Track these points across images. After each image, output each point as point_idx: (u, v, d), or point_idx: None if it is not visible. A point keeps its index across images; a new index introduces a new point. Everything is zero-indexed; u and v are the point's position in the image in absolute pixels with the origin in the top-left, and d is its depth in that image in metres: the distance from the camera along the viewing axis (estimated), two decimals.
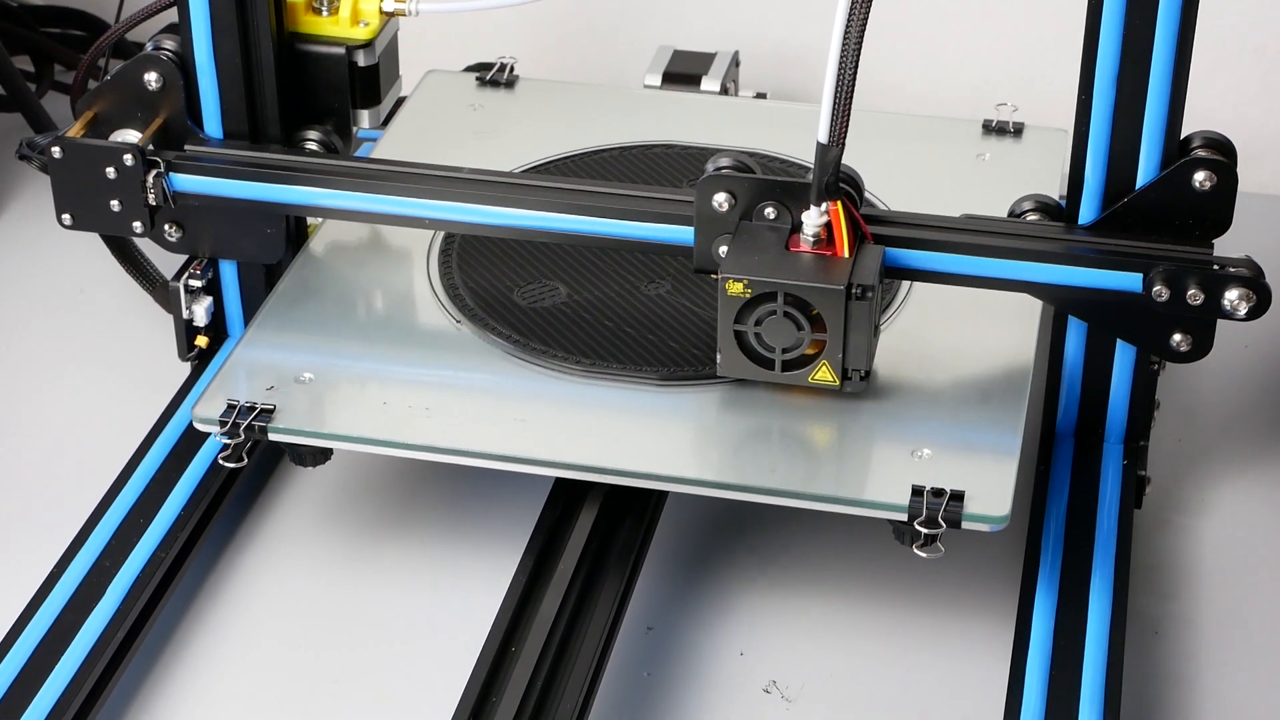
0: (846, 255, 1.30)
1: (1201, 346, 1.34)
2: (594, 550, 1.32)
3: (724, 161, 1.34)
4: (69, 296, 1.70)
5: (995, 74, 1.87)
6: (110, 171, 1.43)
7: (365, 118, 1.50)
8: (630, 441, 1.31)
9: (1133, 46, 1.28)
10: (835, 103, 1.25)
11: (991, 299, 1.37)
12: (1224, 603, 1.39)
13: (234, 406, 1.33)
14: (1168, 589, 1.40)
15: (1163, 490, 1.47)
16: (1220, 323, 1.33)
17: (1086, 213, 1.35)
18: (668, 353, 1.37)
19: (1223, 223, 1.32)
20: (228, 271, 1.51)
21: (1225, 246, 1.32)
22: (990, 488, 1.25)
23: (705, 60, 1.73)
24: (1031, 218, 1.37)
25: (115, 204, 1.44)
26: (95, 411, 1.56)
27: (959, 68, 1.87)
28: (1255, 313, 1.30)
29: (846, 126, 1.26)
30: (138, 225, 1.45)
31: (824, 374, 1.31)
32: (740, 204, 1.33)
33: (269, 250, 1.48)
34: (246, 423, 1.32)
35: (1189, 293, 1.30)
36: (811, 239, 1.31)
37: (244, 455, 1.35)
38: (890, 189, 1.50)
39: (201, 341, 1.52)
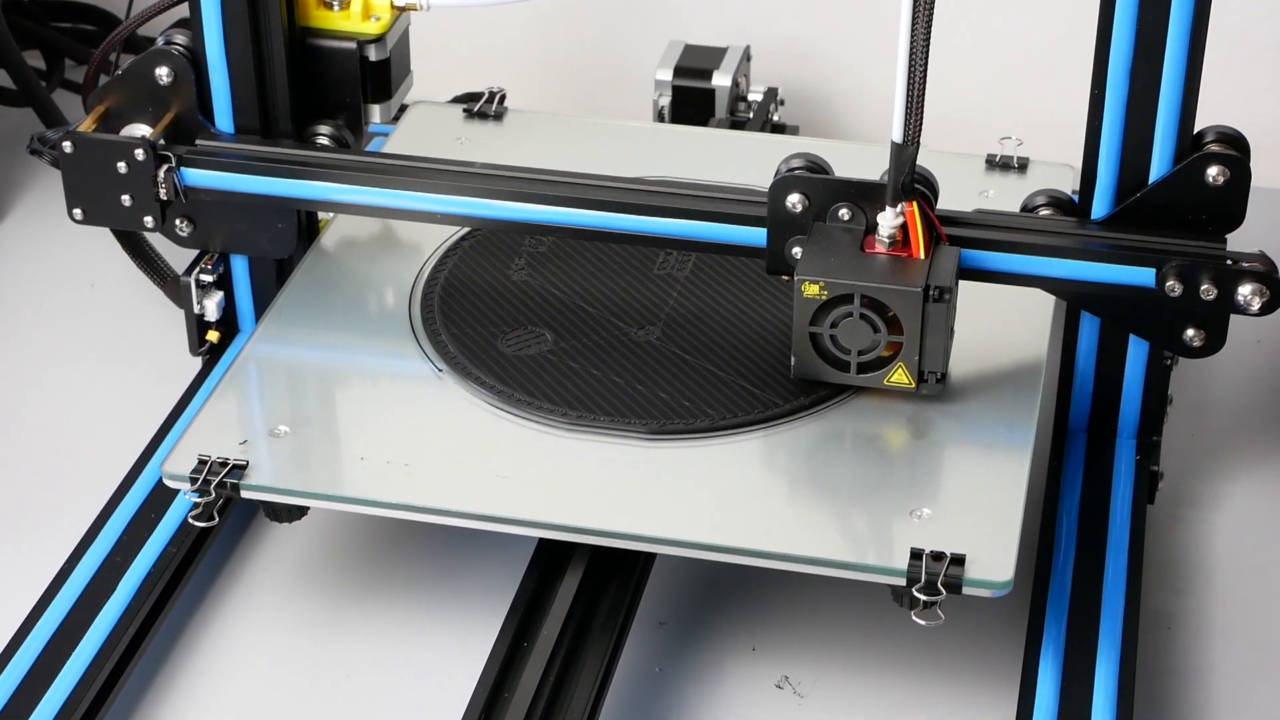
0: (922, 257, 1.29)
1: (1215, 341, 1.34)
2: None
3: (796, 162, 1.33)
4: (80, 291, 1.70)
5: (999, 100, 1.86)
6: (121, 166, 1.43)
7: (377, 112, 1.50)
8: (616, 500, 1.25)
9: (1145, 41, 1.28)
10: (908, 101, 1.24)
11: (991, 345, 1.35)
12: (1237, 598, 1.39)
13: (205, 462, 1.27)
14: (1181, 584, 1.40)
15: (1175, 485, 1.47)
16: (1233, 318, 1.33)
17: (1099, 208, 1.34)
18: (657, 404, 1.32)
19: (1236, 218, 1.32)
20: (239, 266, 1.51)
21: (1238, 241, 1.32)
22: (993, 551, 1.20)
23: (717, 55, 1.73)
24: (1045, 213, 1.37)
25: (126, 199, 1.44)
26: (106, 407, 1.56)
27: (964, 94, 1.87)
28: (1269, 307, 1.30)
29: (920, 124, 1.25)
30: (149, 220, 1.45)
31: (900, 376, 1.30)
32: (814, 205, 1.32)
33: (280, 245, 1.48)
34: (218, 480, 1.26)
35: (1202, 287, 1.30)
36: (887, 240, 1.30)
37: (215, 514, 1.28)
38: None
39: (213, 336, 1.52)
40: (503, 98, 1.64)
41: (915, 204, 1.28)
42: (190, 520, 1.29)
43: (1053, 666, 1.26)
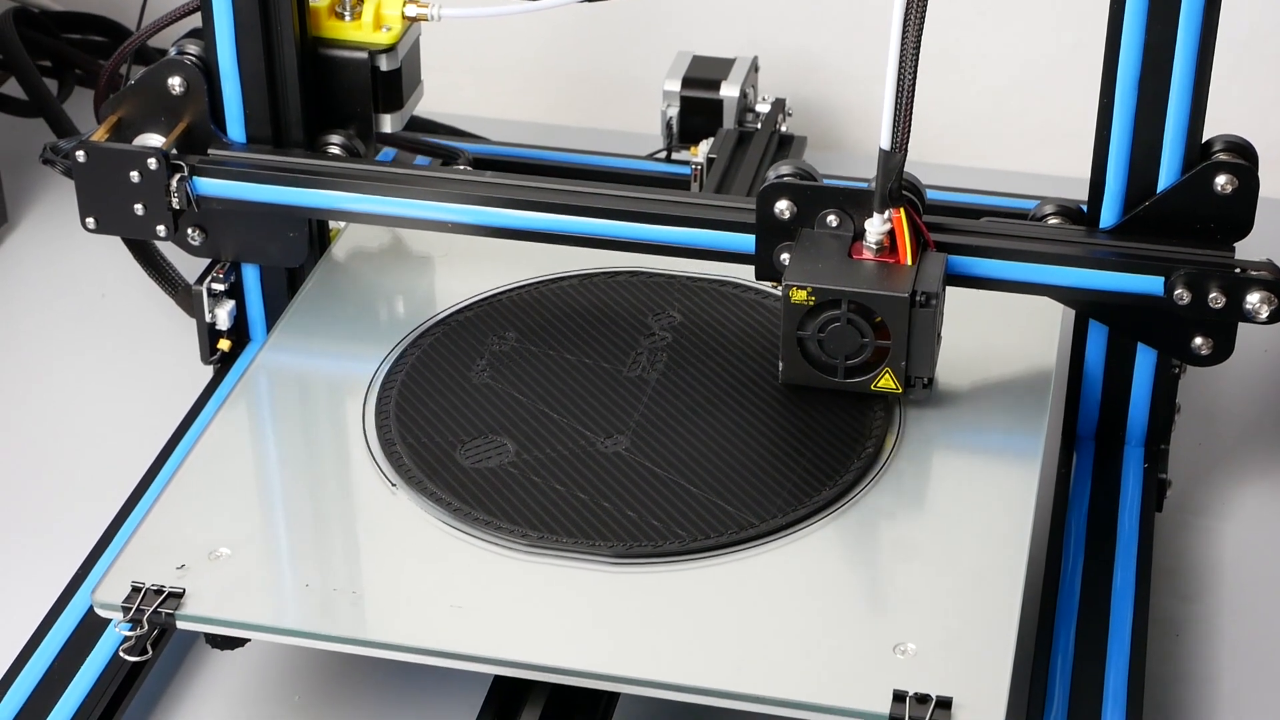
0: (910, 263, 1.30)
1: (1223, 350, 1.34)
2: None
3: (785, 169, 1.34)
4: (92, 300, 1.70)
5: (1007, 110, 1.87)
6: (134, 175, 1.43)
7: (388, 122, 1.50)
8: (576, 634, 1.17)
9: (1154, 51, 1.28)
10: (897, 109, 1.25)
11: (985, 439, 1.31)
12: (1245, 604, 1.39)
13: (139, 590, 1.18)
14: (1189, 591, 1.40)
15: (1183, 493, 1.47)
16: (1241, 326, 1.33)
17: (1108, 216, 1.35)
18: (624, 524, 1.23)
19: (1244, 226, 1.32)
20: (250, 275, 1.52)
21: (1247, 250, 1.32)
22: (982, 694, 1.12)
23: (725, 65, 1.73)
24: (1053, 221, 1.38)
25: (139, 208, 1.45)
26: (117, 416, 1.56)
27: (972, 104, 1.87)
28: (1277, 316, 1.30)
29: (909, 132, 1.26)
30: (161, 229, 1.46)
31: (887, 381, 1.30)
32: (802, 211, 1.33)
33: (292, 254, 1.48)
34: (151, 610, 1.17)
35: (1210, 296, 1.30)
36: (874, 246, 1.30)
37: (149, 647, 1.19)
38: None
39: (224, 345, 1.52)
40: (473, 163, 1.63)
41: (902, 210, 1.29)
42: (122, 654, 1.21)
43: (1062, 673, 1.26)
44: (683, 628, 1.17)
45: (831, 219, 1.33)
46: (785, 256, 1.33)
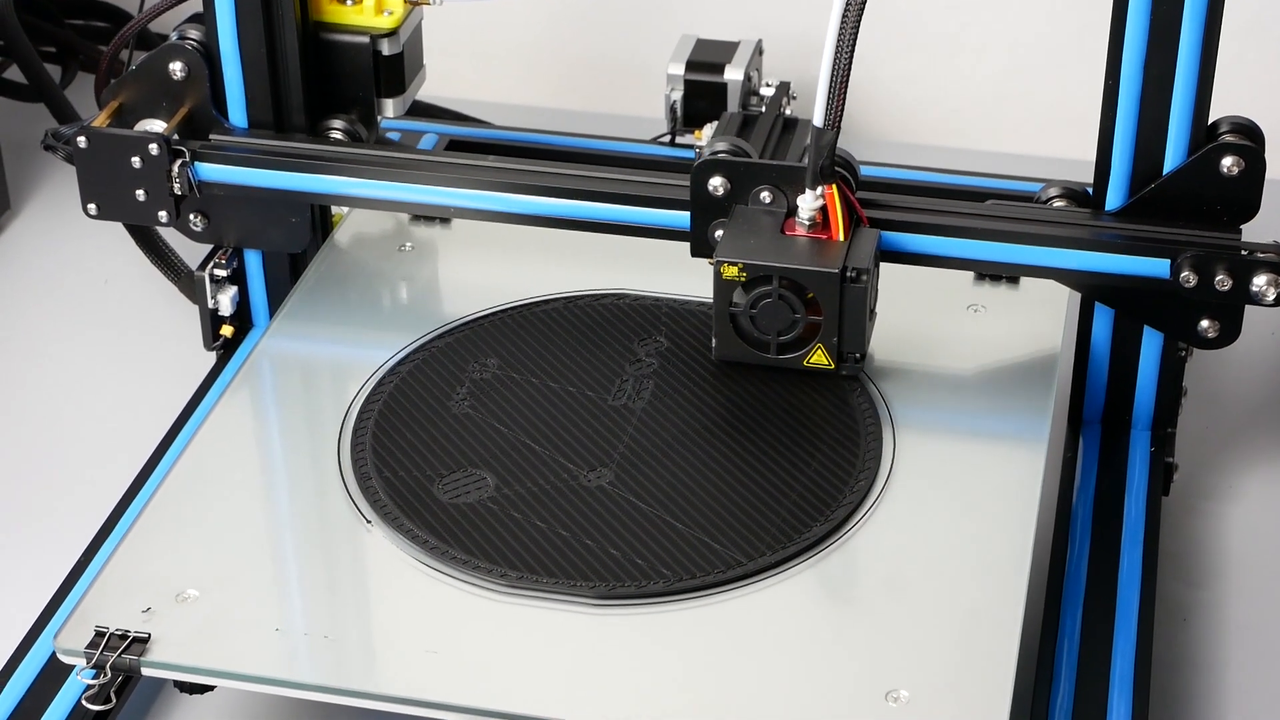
0: (842, 239, 1.30)
1: (1229, 332, 1.34)
2: None
3: (720, 146, 1.34)
4: (94, 286, 1.70)
5: (1012, 93, 1.86)
6: (135, 161, 1.43)
7: (390, 107, 1.50)
8: (557, 681, 1.13)
9: (1159, 32, 1.28)
10: (831, 86, 1.26)
11: (980, 483, 1.26)
12: (1253, 589, 1.38)
13: (103, 634, 1.14)
14: (1196, 576, 1.39)
15: (1190, 477, 1.46)
16: (1248, 309, 1.33)
17: (1114, 198, 1.34)
18: (607, 563, 1.19)
19: (1251, 208, 1.32)
20: (253, 261, 1.51)
21: (1253, 232, 1.32)
22: None
23: (729, 49, 1.72)
24: (1058, 203, 1.37)
25: (140, 194, 1.45)
26: (120, 402, 1.56)
27: (977, 87, 1.87)
28: None
29: (842, 110, 1.27)
30: (163, 215, 1.46)
31: (819, 357, 1.31)
32: (736, 188, 1.34)
33: (294, 239, 1.48)
34: (116, 656, 1.13)
35: (1217, 278, 1.30)
36: (807, 223, 1.31)
37: (113, 695, 1.17)
38: (874, 353, 1.36)
39: (227, 331, 1.52)
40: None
41: (835, 187, 1.30)
42: (84, 703, 1.16)
43: (1068, 659, 1.25)
44: (667, 672, 1.13)
45: (765, 195, 1.33)
46: (720, 233, 1.34)
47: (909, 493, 1.24)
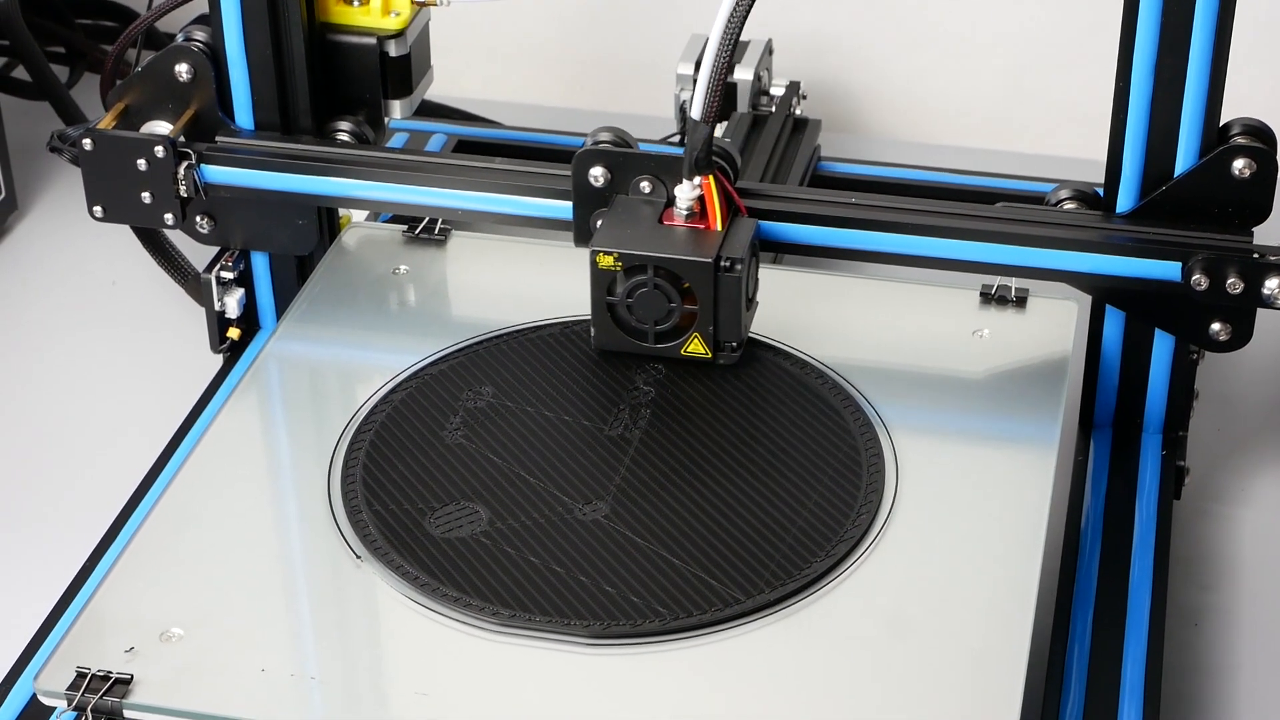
0: (719, 228, 1.32)
1: (1241, 336, 1.33)
2: None
3: (603, 136, 1.36)
4: (101, 289, 1.70)
5: (1022, 94, 1.86)
6: (141, 163, 1.43)
7: (397, 108, 1.49)
8: None
9: (1171, 33, 1.27)
10: (710, 81, 1.28)
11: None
12: (1264, 593, 1.38)
13: (84, 675, 1.11)
14: (1207, 580, 1.39)
15: (1202, 480, 1.46)
16: (1260, 312, 1.32)
17: (1124, 201, 1.34)
18: (601, 600, 1.16)
19: (1263, 211, 1.31)
20: (259, 263, 1.51)
21: (1265, 235, 1.31)
22: None
23: (739, 48, 1.72)
24: (1069, 206, 1.37)
25: (147, 196, 1.44)
26: (127, 404, 1.56)
27: (987, 87, 1.86)
28: None
29: (718, 104, 1.28)
30: (169, 217, 1.45)
31: (696, 346, 1.32)
32: (616, 178, 1.36)
33: (301, 241, 1.48)
34: (96, 699, 1.10)
35: (1229, 281, 1.29)
36: (685, 212, 1.33)
37: None
38: (878, 380, 1.33)
39: (234, 333, 1.51)
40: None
41: (712, 177, 1.31)
42: None
43: (1079, 663, 1.25)
44: (662, 715, 1.10)
45: (645, 185, 1.36)
46: (600, 223, 1.35)
47: (913, 527, 1.21)
